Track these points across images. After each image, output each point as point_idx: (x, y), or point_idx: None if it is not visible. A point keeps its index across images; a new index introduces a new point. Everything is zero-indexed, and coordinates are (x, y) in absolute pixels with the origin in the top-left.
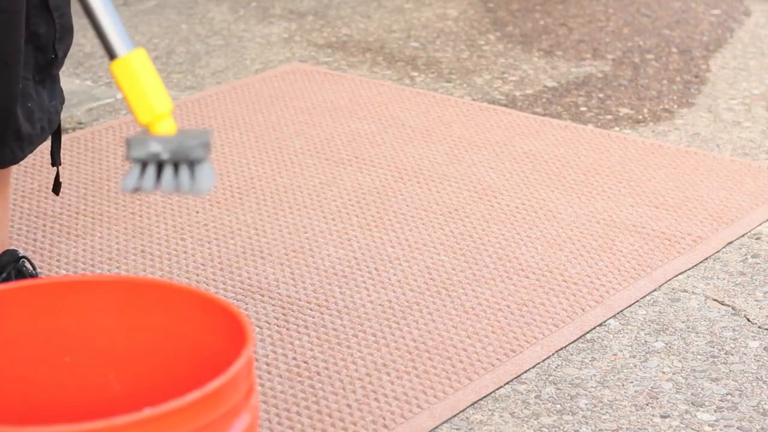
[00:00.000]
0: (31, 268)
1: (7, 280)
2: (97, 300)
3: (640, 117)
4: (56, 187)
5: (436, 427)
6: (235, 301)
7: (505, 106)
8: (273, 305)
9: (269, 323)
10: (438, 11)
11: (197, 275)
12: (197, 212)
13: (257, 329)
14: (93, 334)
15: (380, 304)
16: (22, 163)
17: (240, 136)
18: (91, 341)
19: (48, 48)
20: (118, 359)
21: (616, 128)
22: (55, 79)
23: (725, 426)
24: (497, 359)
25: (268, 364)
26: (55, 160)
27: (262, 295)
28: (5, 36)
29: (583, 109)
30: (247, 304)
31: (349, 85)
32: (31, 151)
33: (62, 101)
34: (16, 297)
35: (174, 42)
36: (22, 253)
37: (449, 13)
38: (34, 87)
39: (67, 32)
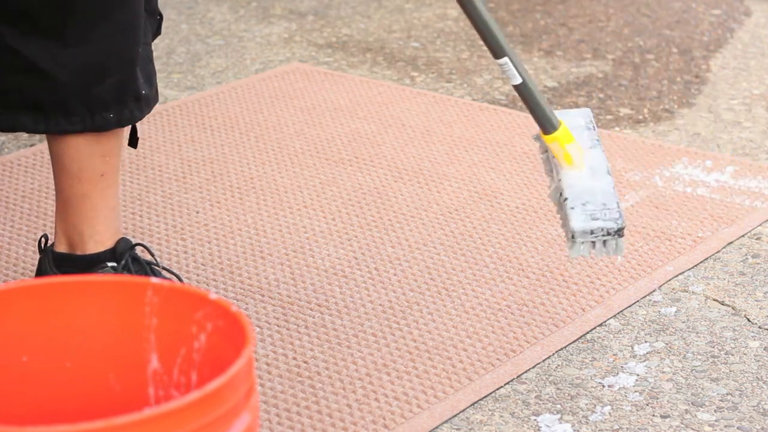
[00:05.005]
0: (149, 255)
1: (125, 267)
2: (97, 300)
3: (641, 117)
4: (134, 141)
5: (436, 427)
6: (235, 301)
7: (506, 106)
8: (273, 305)
9: (269, 323)
10: (438, 11)
11: (197, 275)
12: (197, 212)
13: (257, 329)
14: (93, 334)
15: (380, 304)
16: (22, 162)
17: (240, 136)
18: (92, 341)
19: (155, 11)
20: (118, 359)
21: (617, 128)
22: None
23: (725, 426)
24: (497, 359)
25: (268, 364)
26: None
27: (262, 295)
28: (126, 3)
29: None
30: (247, 304)
31: (349, 85)
32: (149, 113)
33: None
34: (16, 297)
35: (174, 42)
36: (134, 241)
37: (449, 13)
38: (151, 51)
39: None
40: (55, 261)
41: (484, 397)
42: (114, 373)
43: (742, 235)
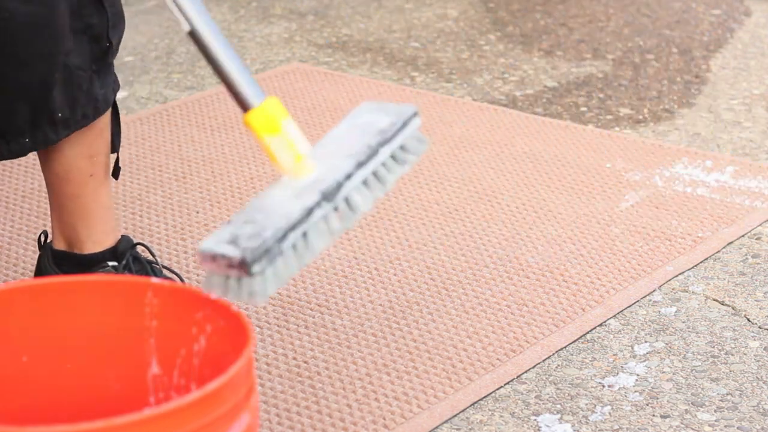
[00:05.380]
0: (149, 254)
1: (126, 266)
2: (98, 300)
3: (641, 117)
4: (115, 172)
5: (436, 427)
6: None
7: (506, 106)
8: (273, 305)
9: (269, 323)
10: (438, 11)
11: (197, 275)
12: (197, 212)
13: (257, 329)
14: (93, 334)
15: (380, 304)
16: (22, 162)
17: (240, 136)
18: (92, 341)
19: (102, 37)
20: (118, 359)
21: (616, 128)
22: (109, 68)
23: (725, 426)
24: (497, 359)
25: (268, 364)
26: (114, 146)
27: None
28: (42, 27)
29: (583, 109)
30: (247, 304)
31: (349, 85)
32: (67, 135)
33: (115, 88)
34: (16, 297)
35: (174, 42)
36: (135, 240)
37: (449, 13)
38: (89, 77)
39: (119, 20)
40: (54, 259)
41: (484, 397)
42: (114, 373)
43: (742, 235)
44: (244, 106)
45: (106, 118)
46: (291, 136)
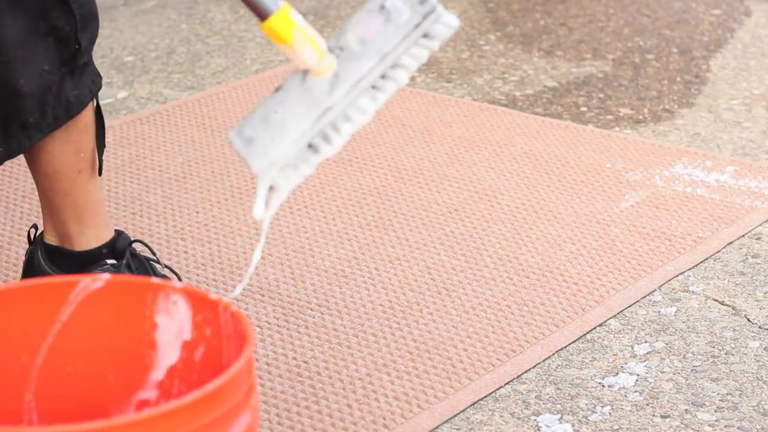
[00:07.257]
0: (149, 252)
1: (126, 265)
2: (98, 300)
3: (641, 117)
4: (99, 169)
5: (436, 427)
6: (235, 301)
7: (506, 106)
8: (273, 305)
9: (269, 323)
10: None
11: (197, 275)
12: (197, 212)
13: (257, 329)
14: (93, 334)
15: (380, 304)
16: (22, 162)
17: None
18: (92, 341)
19: (70, 40)
20: (119, 359)
21: (617, 128)
22: (84, 68)
23: (725, 426)
24: (497, 359)
25: (268, 364)
26: (98, 143)
27: (262, 295)
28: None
29: (583, 109)
30: (247, 304)
31: None
32: (40, 138)
33: (93, 89)
34: (16, 297)
35: (174, 42)
36: (132, 237)
37: None
38: (59, 79)
39: (90, 20)
40: (48, 253)
41: (484, 397)
42: (114, 373)
43: (742, 235)
44: (263, 15)
45: (89, 114)
46: (311, 34)
